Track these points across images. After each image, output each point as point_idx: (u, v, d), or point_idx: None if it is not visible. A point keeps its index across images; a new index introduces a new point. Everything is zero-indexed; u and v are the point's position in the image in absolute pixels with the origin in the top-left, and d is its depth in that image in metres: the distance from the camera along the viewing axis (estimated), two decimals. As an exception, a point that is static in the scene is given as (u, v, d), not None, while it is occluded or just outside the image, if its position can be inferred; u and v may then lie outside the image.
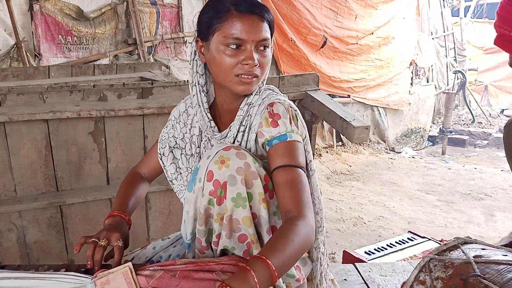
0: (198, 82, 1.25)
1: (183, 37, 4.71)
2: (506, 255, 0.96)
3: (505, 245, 1.14)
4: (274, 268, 0.91)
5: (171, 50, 4.67)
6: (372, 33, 6.71)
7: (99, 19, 4.10)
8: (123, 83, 2.29)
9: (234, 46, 1.11)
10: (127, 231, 1.20)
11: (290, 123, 1.16)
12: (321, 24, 5.98)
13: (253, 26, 1.11)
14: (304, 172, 1.13)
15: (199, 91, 1.24)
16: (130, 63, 3.69)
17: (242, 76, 1.13)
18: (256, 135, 1.17)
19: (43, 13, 3.80)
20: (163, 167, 1.36)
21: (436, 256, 1.00)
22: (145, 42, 4.37)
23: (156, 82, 2.42)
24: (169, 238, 1.39)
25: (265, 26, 1.13)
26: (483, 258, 0.95)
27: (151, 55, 4.46)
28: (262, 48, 1.13)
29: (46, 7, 3.79)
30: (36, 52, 3.80)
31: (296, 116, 1.20)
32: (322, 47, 6.12)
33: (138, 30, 4.29)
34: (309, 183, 1.21)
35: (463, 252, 0.99)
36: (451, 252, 1.01)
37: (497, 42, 1.05)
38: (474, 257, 0.95)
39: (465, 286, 0.88)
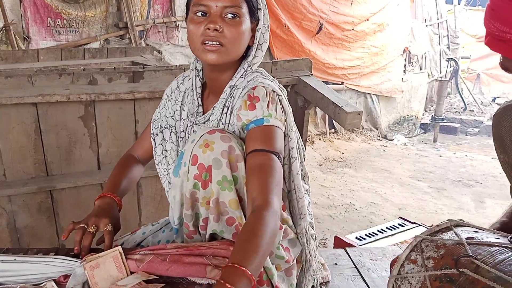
0: (196, 67, 1.27)
1: (175, 21, 4.65)
2: (498, 238, 0.97)
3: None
4: (250, 273, 0.89)
5: (163, 35, 4.61)
6: (368, 20, 6.67)
7: (89, 1, 4.03)
8: (114, 67, 2.26)
9: (200, 14, 1.12)
10: (117, 214, 1.19)
11: (268, 107, 1.13)
12: (317, 9, 5.93)
13: None
14: (279, 158, 1.11)
15: (195, 75, 1.27)
16: (121, 47, 3.64)
17: (206, 43, 1.12)
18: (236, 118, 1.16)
19: (32, -5, 3.73)
20: (153, 148, 1.35)
21: (428, 236, 1.00)
22: (136, 26, 4.31)
23: (147, 66, 2.38)
24: (158, 223, 1.39)
25: None
26: (475, 240, 0.95)
27: (143, 39, 4.41)
28: (230, 16, 1.11)
29: (34, -11, 3.72)
30: (25, 35, 3.74)
31: (279, 101, 1.17)
32: (317, 33, 6.07)
33: (129, 13, 4.22)
34: (289, 170, 1.21)
35: (455, 233, 0.99)
36: (443, 234, 1.01)
37: (490, 43, 0.93)
38: (466, 238, 0.95)
39: (456, 266, 0.88)
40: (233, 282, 0.86)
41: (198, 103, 1.26)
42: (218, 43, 1.11)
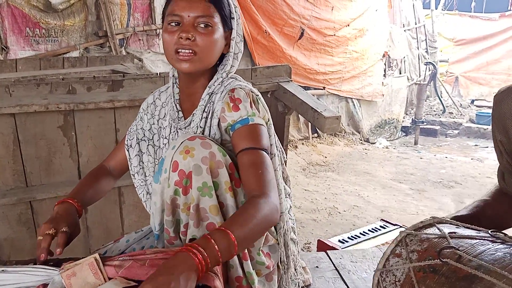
0: (173, 74, 1.30)
1: (155, 29, 4.65)
2: (480, 232, 1.00)
3: (459, 217, 1.18)
4: (234, 238, 0.95)
5: (143, 43, 4.61)
6: (348, 25, 6.77)
7: (68, 10, 4.00)
8: (94, 76, 2.25)
9: (174, 24, 1.16)
10: (75, 219, 1.19)
11: (251, 106, 1.18)
12: (298, 15, 5.99)
13: (190, 3, 1.14)
14: (268, 154, 1.16)
15: (173, 83, 1.29)
16: (101, 56, 3.62)
17: (180, 52, 1.15)
18: (219, 120, 1.19)
19: (9, 5, 3.70)
20: (128, 159, 1.36)
21: (412, 231, 1.03)
22: (116, 34, 4.29)
23: (128, 74, 2.38)
24: (142, 230, 1.40)
25: (206, 4, 1.15)
26: (457, 234, 0.98)
27: (123, 47, 4.39)
28: (202, 25, 1.15)
29: (12, -1, 3.69)
30: (3, 45, 3.70)
31: (258, 100, 1.22)
32: (299, 38, 6.14)
33: (108, 22, 4.21)
34: None
35: (438, 229, 1.02)
36: (426, 229, 1.04)
37: None
38: (449, 233, 0.98)
39: (440, 256, 0.91)
40: (214, 238, 0.93)
41: (177, 108, 1.28)
42: (191, 51, 1.14)
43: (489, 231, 0.99)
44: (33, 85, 2.03)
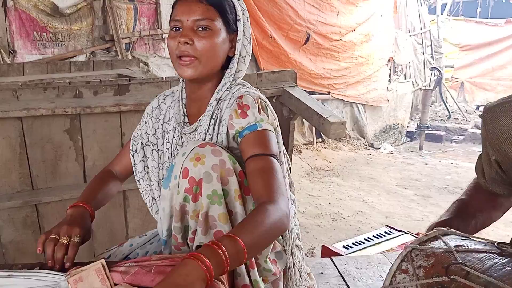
0: (183, 79, 1.29)
1: (161, 34, 4.68)
2: (486, 245, 0.98)
3: (443, 221, 1.18)
4: (243, 244, 0.92)
5: (149, 47, 4.64)
6: (354, 30, 6.78)
7: (75, 15, 4.04)
8: (100, 80, 2.26)
9: (175, 29, 1.16)
10: (89, 224, 1.19)
11: (259, 112, 1.17)
12: (304, 20, 6.01)
13: (189, 7, 1.14)
14: (277, 159, 1.15)
15: (182, 86, 1.30)
16: (108, 60, 3.64)
17: (180, 58, 1.15)
18: (227, 127, 1.18)
19: (17, 9, 3.73)
20: (133, 165, 1.36)
21: (417, 246, 1.01)
22: (122, 38, 4.32)
23: (133, 79, 2.40)
24: (146, 235, 1.39)
25: (205, 7, 1.14)
26: (463, 248, 0.95)
27: (129, 52, 4.42)
28: (201, 29, 1.14)
29: (20, 3, 3.72)
30: (10, 48, 3.73)
31: (266, 107, 1.21)
32: (305, 43, 6.15)
33: (115, 26, 4.24)
34: None
35: (443, 242, 0.99)
36: (432, 242, 1.02)
37: None
38: (455, 246, 0.96)
39: (447, 273, 0.89)
40: (223, 245, 0.89)
41: (184, 113, 1.28)
42: (191, 57, 1.14)
43: (496, 243, 0.97)
44: (40, 89, 2.04)
